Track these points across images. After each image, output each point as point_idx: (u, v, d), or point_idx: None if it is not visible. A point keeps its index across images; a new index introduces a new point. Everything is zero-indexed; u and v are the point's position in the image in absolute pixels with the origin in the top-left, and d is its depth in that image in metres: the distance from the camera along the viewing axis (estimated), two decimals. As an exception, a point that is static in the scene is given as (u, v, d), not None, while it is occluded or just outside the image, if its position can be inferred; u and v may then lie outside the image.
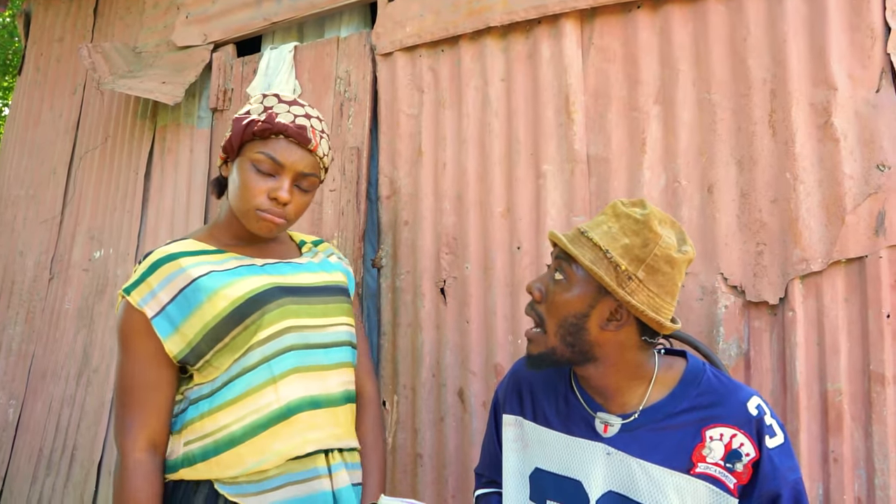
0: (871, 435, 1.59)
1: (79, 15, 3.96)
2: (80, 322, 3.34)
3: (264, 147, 1.40)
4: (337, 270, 1.59)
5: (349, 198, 2.45)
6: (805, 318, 1.68)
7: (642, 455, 1.26)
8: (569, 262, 1.26)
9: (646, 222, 1.24)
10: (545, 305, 1.29)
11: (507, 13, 2.18)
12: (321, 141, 1.46)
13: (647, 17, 1.99)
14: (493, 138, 2.21)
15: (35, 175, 3.86)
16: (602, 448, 1.30)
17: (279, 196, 1.40)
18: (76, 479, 3.11)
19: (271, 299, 1.40)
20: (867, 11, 1.69)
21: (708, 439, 1.23)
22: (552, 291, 1.28)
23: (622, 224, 1.26)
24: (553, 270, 1.29)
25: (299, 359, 1.41)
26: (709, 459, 1.22)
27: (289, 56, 2.77)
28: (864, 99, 1.68)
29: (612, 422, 1.31)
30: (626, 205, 1.30)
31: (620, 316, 1.25)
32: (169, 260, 1.42)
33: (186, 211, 3.05)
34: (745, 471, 1.21)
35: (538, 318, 1.30)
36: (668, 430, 1.26)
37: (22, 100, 4.13)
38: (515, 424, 1.47)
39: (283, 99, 1.47)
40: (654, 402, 1.30)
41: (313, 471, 1.39)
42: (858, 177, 1.66)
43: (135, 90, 3.06)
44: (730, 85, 1.85)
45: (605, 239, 1.24)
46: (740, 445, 1.22)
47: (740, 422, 1.23)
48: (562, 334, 1.27)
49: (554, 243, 1.31)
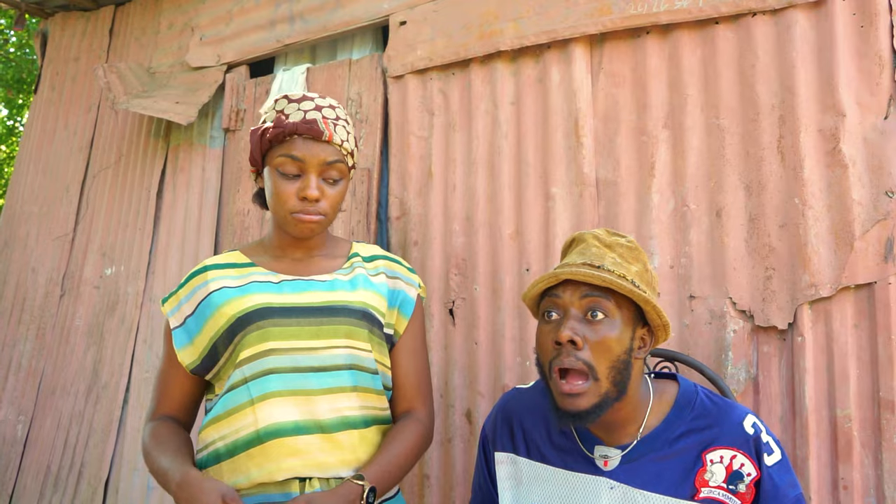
0: (881, 462, 1.58)
1: (94, 35, 4.02)
2: (90, 339, 3.36)
3: (282, 150, 1.41)
4: (364, 289, 1.49)
5: (360, 218, 2.47)
6: (814, 344, 1.68)
7: (645, 486, 1.24)
8: (606, 297, 1.21)
9: (637, 248, 1.29)
10: (591, 350, 1.19)
11: (518, 37, 2.20)
12: (336, 129, 1.43)
13: (656, 43, 2.01)
14: (503, 161, 2.22)
15: (48, 192, 3.90)
16: (605, 482, 1.27)
17: (308, 194, 1.39)
18: (83, 497, 3.11)
19: (255, 320, 1.39)
20: (875, 39, 1.70)
21: (709, 463, 1.22)
22: (595, 332, 1.20)
23: (620, 252, 1.27)
24: (584, 311, 1.21)
25: (282, 382, 1.37)
26: (711, 483, 1.21)
27: (301, 78, 2.81)
28: (873, 125, 1.68)
29: (611, 454, 1.28)
30: (608, 234, 1.31)
31: (645, 341, 1.27)
32: (198, 273, 1.50)
33: (198, 229, 3.08)
34: (748, 491, 1.20)
35: (586, 366, 1.18)
36: (668, 458, 1.25)
37: (37, 118, 4.19)
38: (509, 462, 1.42)
39: (293, 98, 1.46)
40: (651, 430, 1.28)
41: (287, 495, 1.33)
42: (867, 203, 1.66)
43: (149, 110, 3.10)
44: (738, 110, 1.86)
45: (621, 269, 1.23)
46: (741, 466, 1.21)
47: (738, 442, 1.22)
48: (613, 375, 1.20)
49: (580, 282, 1.23)
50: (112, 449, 3.07)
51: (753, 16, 1.85)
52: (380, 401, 1.48)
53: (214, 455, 1.40)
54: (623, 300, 1.23)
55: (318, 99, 1.46)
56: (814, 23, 1.78)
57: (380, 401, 1.48)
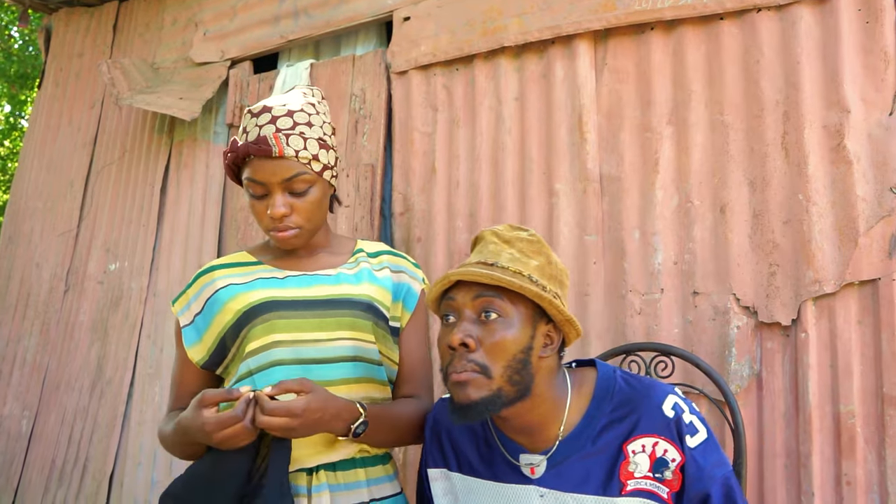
0: (884, 458, 1.58)
1: (98, 31, 4.02)
2: (94, 334, 3.37)
3: (246, 172, 1.40)
4: (368, 283, 1.50)
5: (363, 214, 2.47)
6: (818, 340, 1.68)
7: (575, 489, 1.20)
8: (499, 296, 1.16)
9: (539, 241, 1.24)
10: (484, 351, 1.15)
11: (522, 33, 2.20)
12: (289, 140, 1.37)
13: (661, 39, 2.01)
14: (507, 157, 2.23)
15: (53, 188, 3.91)
16: (535, 490, 1.23)
17: (272, 213, 1.38)
18: (88, 491, 3.12)
19: (261, 313, 1.40)
20: (880, 35, 1.70)
21: (631, 454, 1.17)
22: (489, 333, 1.15)
23: (520, 247, 1.22)
24: (478, 311, 1.17)
25: (287, 374, 1.37)
26: (637, 474, 1.16)
27: (305, 73, 2.81)
28: (878, 122, 1.68)
29: (535, 461, 1.23)
30: (505, 230, 1.26)
31: (552, 339, 1.21)
32: (206, 273, 1.51)
33: (201, 225, 3.08)
34: (674, 477, 1.15)
35: (479, 368, 1.14)
36: (592, 456, 1.20)
37: (41, 114, 4.19)
38: (442, 477, 1.38)
39: (254, 111, 1.41)
40: (573, 429, 1.22)
41: (295, 488, 1.35)
42: (871, 199, 1.66)
43: (153, 106, 3.10)
44: (742, 106, 1.86)
45: (518, 264, 1.19)
46: (664, 452, 1.16)
47: (659, 427, 1.17)
48: (509, 375, 1.14)
49: (472, 282, 1.18)
50: (116, 443, 3.08)
51: (758, 11, 1.85)
52: (383, 392, 1.50)
53: None
54: (519, 297, 1.17)
55: (276, 108, 1.40)
56: (819, 19, 1.78)
57: (383, 392, 1.50)
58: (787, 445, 1.70)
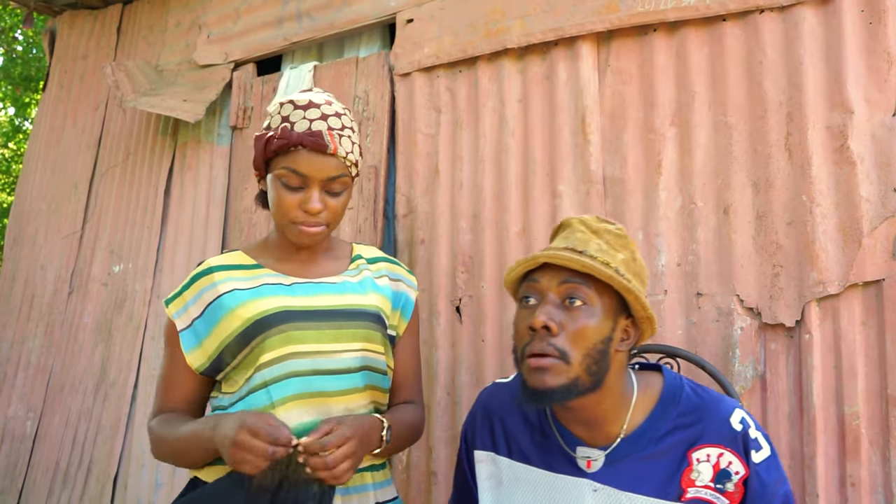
0: (889, 459, 1.58)
1: (102, 33, 4.03)
2: (99, 336, 3.37)
3: (286, 161, 1.38)
4: (374, 292, 1.50)
5: (366, 216, 2.48)
6: (822, 341, 1.68)
7: (630, 488, 1.19)
8: (586, 283, 1.16)
9: (626, 236, 1.24)
10: (567, 336, 1.14)
11: (525, 35, 2.21)
12: (341, 140, 1.39)
13: (664, 40, 2.01)
14: (510, 158, 2.23)
15: (57, 190, 3.92)
16: (588, 485, 1.22)
17: (310, 208, 1.38)
18: (92, 493, 3.13)
19: (276, 323, 1.38)
20: (883, 35, 1.70)
21: (695, 462, 1.17)
22: (572, 319, 1.15)
23: (607, 239, 1.22)
24: (563, 297, 1.17)
25: (303, 385, 1.38)
26: (698, 483, 1.17)
27: (308, 75, 2.81)
28: (881, 122, 1.68)
29: (594, 456, 1.23)
30: (596, 220, 1.25)
31: (629, 334, 1.21)
32: (205, 274, 1.47)
33: (205, 227, 3.09)
34: (736, 490, 1.16)
35: (558, 353, 1.13)
36: (653, 457, 1.20)
37: (45, 116, 4.21)
38: (489, 461, 1.38)
39: (298, 103, 1.41)
40: (636, 429, 1.22)
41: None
42: (875, 200, 1.66)
43: (156, 108, 3.11)
44: (746, 107, 1.86)
45: (606, 256, 1.18)
46: (728, 464, 1.17)
47: (725, 439, 1.17)
48: (587, 364, 1.14)
49: (560, 267, 1.18)
50: (120, 445, 3.09)
51: (761, 13, 1.85)
52: (384, 399, 1.52)
53: None
54: (605, 288, 1.17)
55: (324, 106, 1.41)
56: (822, 19, 1.78)
57: (384, 399, 1.52)
58: (791, 447, 1.69)
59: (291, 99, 1.43)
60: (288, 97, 1.44)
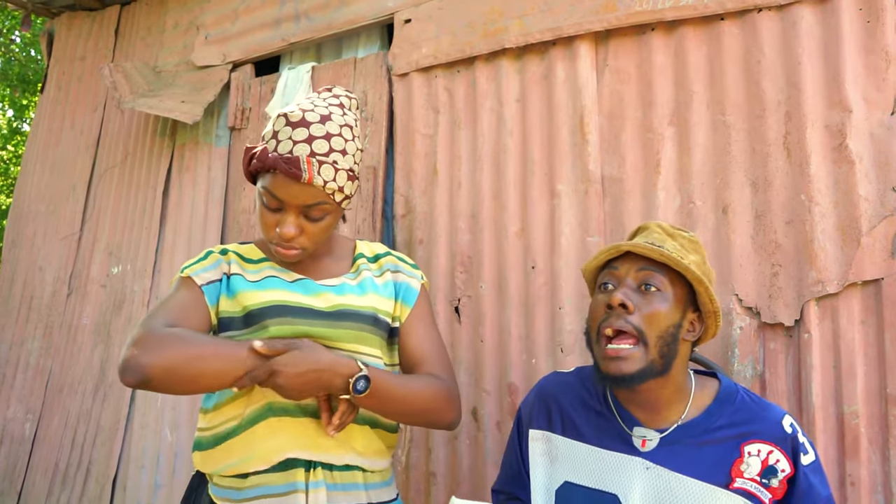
0: (888, 459, 1.57)
1: (100, 35, 4.03)
2: (97, 337, 3.37)
3: (265, 181, 1.36)
4: (373, 293, 1.50)
5: (365, 216, 2.47)
6: (821, 341, 1.68)
7: (681, 469, 1.27)
8: (661, 272, 1.28)
9: (698, 243, 1.35)
10: (642, 317, 1.25)
11: (523, 35, 2.20)
12: (320, 169, 1.33)
13: (662, 40, 2.00)
14: (508, 158, 2.22)
15: (55, 191, 3.92)
16: (641, 462, 1.30)
17: (283, 233, 1.36)
18: (91, 494, 3.13)
19: (270, 316, 1.39)
20: (881, 34, 1.69)
21: (746, 454, 1.25)
22: (647, 302, 1.26)
23: (681, 242, 1.33)
24: (639, 282, 1.28)
25: None
26: (746, 475, 1.24)
27: (306, 76, 2.81)
28: (880, 121, 1.68)
29: (650, 436, 1.31)
30: (669, 226, 1.37)
31: (695, 327, 1.32)
32: (220, 252, 1.51)
33: (204, 228, 3.09)
34: (780, 486, 1.23)
35: (636, 331, 1.24)
36: (706, 444, 1.28)
37: (44, 117, 4.20)
38: (543, 439, 1.46)
39: (291, 119, 1.35)
40: (692, 419, 1.31)
41: (291, 485, 1.35)
42: (874, 199, 1.65)
43: (155, 109, 3.11)
44: (744, 107, 1.86)
45: (680, 254, 1.28)
46: (776, 462, 1.24)
47: (777, 438, 1.26)
48: (660, 346, 1.25)
49: (639, 257, 1.30)
50: (119, 447, 3.08)
51: (759, 12, 1.85)
52: None
53: (225, 433, 1.39)
54: (678, 280, 1.28)
55: (315, 126, 1.35)
56: (820, 18, 1.78)
57: None
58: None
59: (287, 112, 1.37)
60: (288, 108, 1.40)
